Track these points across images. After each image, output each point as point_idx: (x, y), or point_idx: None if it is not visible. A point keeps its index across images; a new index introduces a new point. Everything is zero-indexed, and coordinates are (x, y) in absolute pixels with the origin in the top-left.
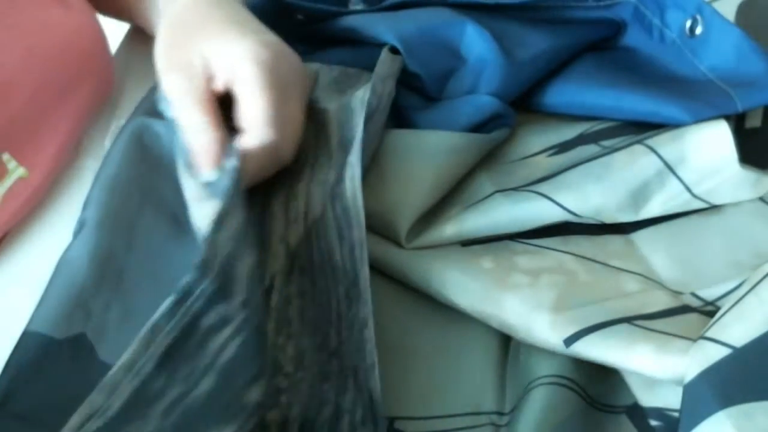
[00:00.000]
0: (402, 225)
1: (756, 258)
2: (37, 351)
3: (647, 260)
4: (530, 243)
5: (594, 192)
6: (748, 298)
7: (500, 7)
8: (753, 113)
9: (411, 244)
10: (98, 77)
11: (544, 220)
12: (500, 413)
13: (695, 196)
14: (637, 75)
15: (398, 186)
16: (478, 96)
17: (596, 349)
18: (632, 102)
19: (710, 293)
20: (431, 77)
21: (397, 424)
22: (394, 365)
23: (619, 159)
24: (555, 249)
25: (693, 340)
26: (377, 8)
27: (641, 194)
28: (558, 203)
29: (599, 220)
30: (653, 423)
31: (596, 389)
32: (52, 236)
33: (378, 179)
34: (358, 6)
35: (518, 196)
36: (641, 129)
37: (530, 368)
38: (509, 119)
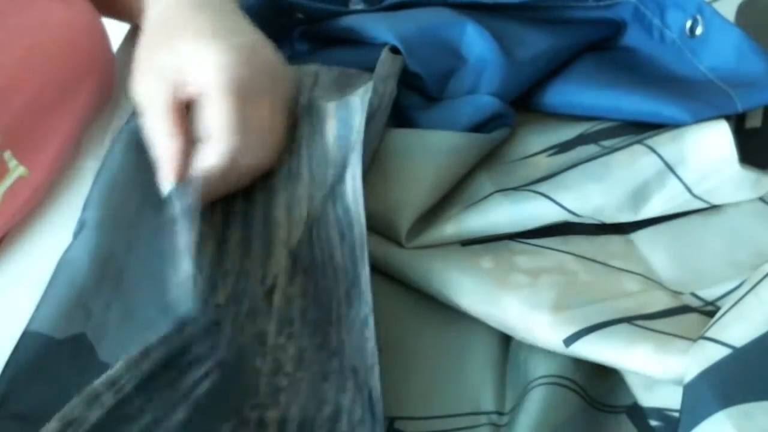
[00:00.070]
0: (402, 224)
1: (756, 258)
2: (37, 351)
3: (647, 260)
4: (530, 243)
5: (594, 192)
6: (748, 298)
7: (500, 7)
8: (753, 113)
9: (411, 244)
10: (100, 76)
11: (544, 220)
12: (500, 413)
13: (695, 196)
14: (638, 75)
15: (399, 185)
16: (479, 96)
17: (596, 349)
18: (632, 102)
19: (710, 293)
20: (432, 77)
21: (397, 424)
22: (394, 365)
23: (619, 159)
24: (555, 249)
25: (693, 340)
26: (377, 8)
27: (641, 194)
28: (558, 203)
29: (599, 220)
30: (653, 423)
31: (596, 389)
32: (52, 236)
33: (378, 179)
34: (359, 6)
35: (518, 196)
36: (641, 129)
37: (530, 368)
38: (509, 119)
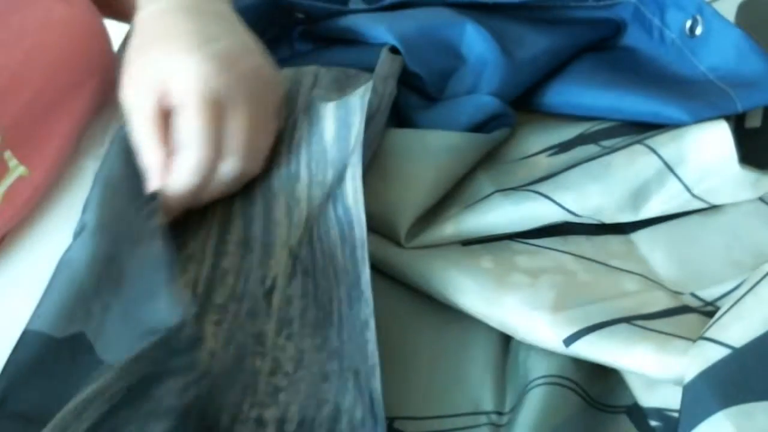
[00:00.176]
0: (402, 224)
1: (756, 258)
2: (37, 350)
3: (647, 260)
4: (530, 243)
5: (594, 192)
6: (747, 299)
7: (500, 7)
8: (753, 113)
9: (411, 244)
10: (101, 76)
11: (544, 220)
12: (500, 413)
13: (695, 196)
14: (637, 75)
15: (398, 185)
16: (479, 96)
17: (595, 349)
18: (632, 102)
19: (710, 293)
20: (431, 77)
21: (397, 424)
22: (394, 365)
23: (619, 159)
24: (555, 249)
25: (692, 341)
26: (377, 7)
27: (641, 194)
28: (558, 203)
29: (599, 220)
30: (653, 423)
31: (596, 389)
32: (53, 236)
33: (378, 179)
34: (358, 5)
35: (518, 196)
36: (641, 129)
37: (530, 368)
38: (509, 119)
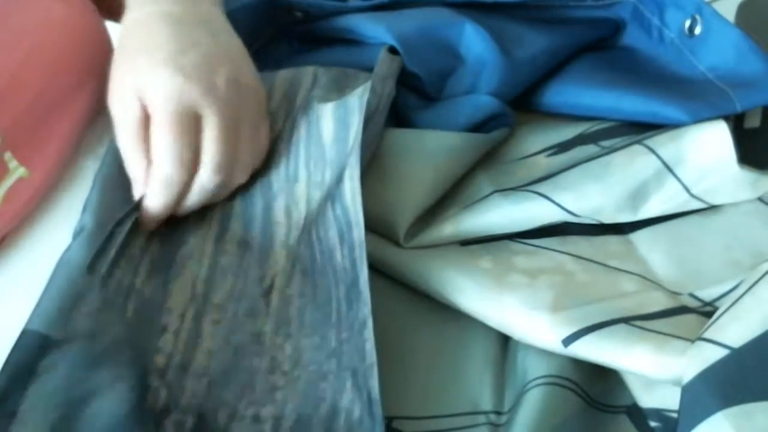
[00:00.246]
0: (401, 224)
1: (754, 258)
2: (36, 350)
3: (646, 260)
4: (529, 243)
5: (593, 192)
6: (746, 299)
7: (499, 7)
8: (752, 113)
9: (409, 244)
10: (101, 77)
11: (543, 220)
12: (498, 413)
13: (694, 197)
14: (637, 75)
15: (397, 185)
16: (478, 96)
17: (594, 350)
18: (631, 102)
19: (708, 294)
20: (430, 77)
21: (396, 424)
22: (393, 364)
23: (618, 159)
24: (553, 249)
25: (691, 341)
26: (375, 4)
27: (640, 194)
28: (557, 203)
29: (598, 220)
30: (653, 424)
31: (596, 389)
32: (52, 236)
33: (377, 179)
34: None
35: (517, 196)
36: (640, 129)
37: (529, 368)
38: (508, 119)
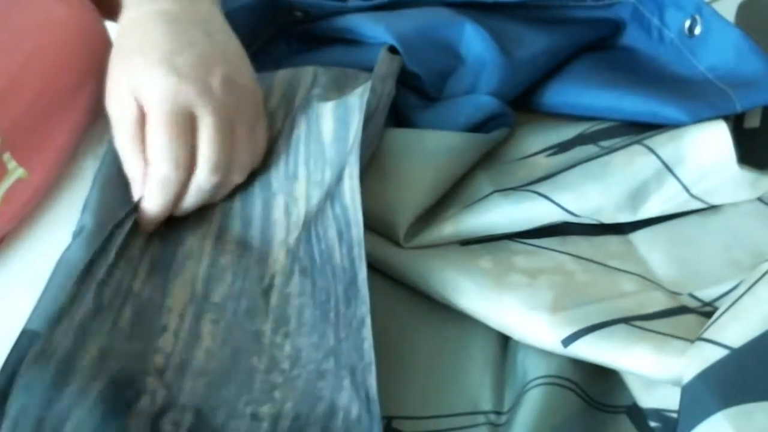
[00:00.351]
0: (401, 224)
1: (754, 258)
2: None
3: (645, 260)
4: (529, 243)
5: (593, 192)
6: (745, 299)
7: (499, 6)
8: (752, 113)
9: (409, 244)
10: (101, 77)
11: (543, 220)
12: (498, 412)
13: (693, 197)
14: (636, 75)
15: (397, 185)
16: (477, 95)
17: (594, 350)
18: (631, 102)
19: (708, 294)
20: (430, 77)
21: (395, 424)
22: (392, 364)
23: (618, 159)
24: (553, 249)
25: (690, 341)
26: (375, 4)
27: (640, 194)
28: (557, 203)
29: (598, 220)
30: (653, 424)
31: (596, 389)
32: (52, 237)
33: (377, 179)
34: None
35: (517, 196)
36: (640, 129)
37: (529, 368)
38: (508, 119)
